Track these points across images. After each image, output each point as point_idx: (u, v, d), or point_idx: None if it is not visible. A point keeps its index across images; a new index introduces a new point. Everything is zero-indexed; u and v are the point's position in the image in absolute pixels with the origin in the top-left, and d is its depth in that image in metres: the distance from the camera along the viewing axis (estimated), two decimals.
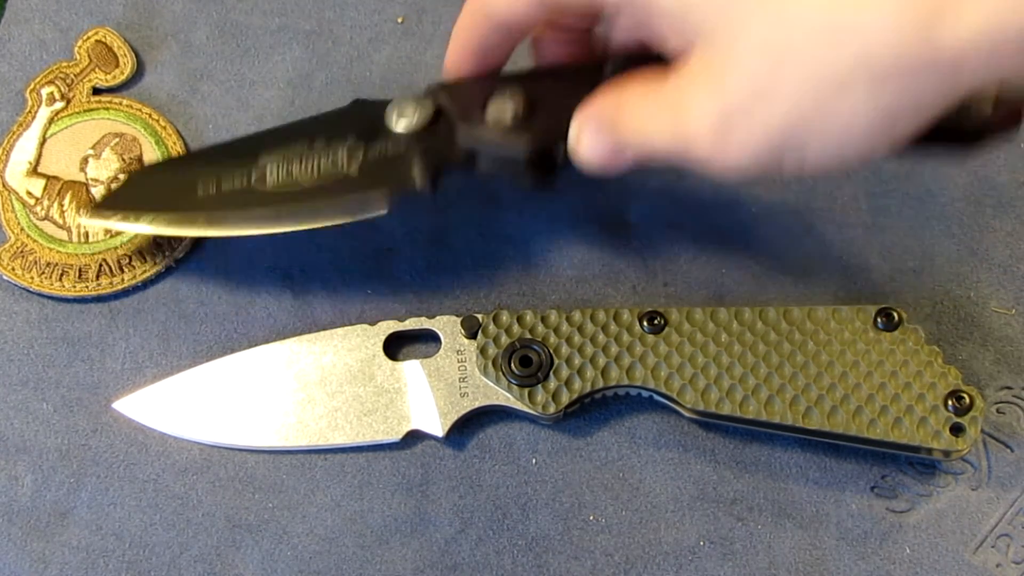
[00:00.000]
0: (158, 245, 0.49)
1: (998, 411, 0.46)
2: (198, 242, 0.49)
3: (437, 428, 0.45)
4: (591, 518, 0.45)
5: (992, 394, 0.46)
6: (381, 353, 0.46)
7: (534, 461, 0.46)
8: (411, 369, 0.46)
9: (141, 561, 0.44)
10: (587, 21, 0.41)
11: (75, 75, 0.51)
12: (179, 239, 0.49)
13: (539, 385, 0.44)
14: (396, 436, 0.45)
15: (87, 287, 0.48)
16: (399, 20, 0.53)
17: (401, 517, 0.45)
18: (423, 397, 0.45)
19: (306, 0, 0.54)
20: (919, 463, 0.45)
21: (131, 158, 0.50)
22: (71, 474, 0.46)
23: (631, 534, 0.45)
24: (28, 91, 0.51)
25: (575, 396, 0.44)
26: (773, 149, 0.33)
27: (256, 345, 0.47)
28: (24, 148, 0.50)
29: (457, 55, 0.43)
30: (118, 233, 0.49)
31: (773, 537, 0.44)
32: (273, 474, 0.46)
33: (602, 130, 0.39)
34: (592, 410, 0.46)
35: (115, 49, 0.52)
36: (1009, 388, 0.46)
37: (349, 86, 0.52)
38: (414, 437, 0.46)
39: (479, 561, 0.44)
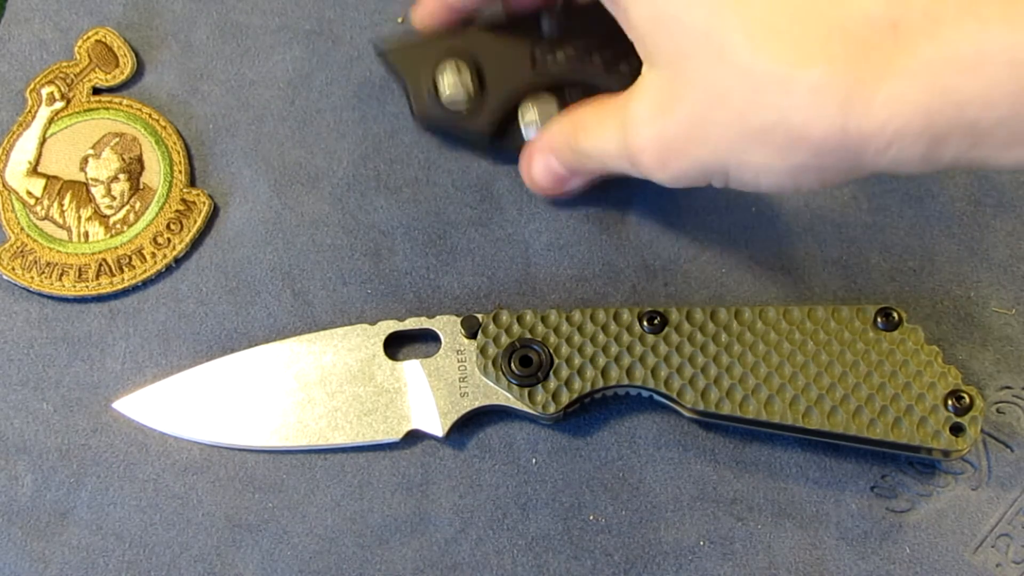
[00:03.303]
0: (158, 244, 0.49)
1: (998, 411, 0.46)
2: (198, 242, 0.49)
3: (437, 428, 0.45)
4: (591, 518, 0.45)
5: (992, 394, 0.46)
6: (381, 353, 0.46)
7: (534, 461, 0.46)
8: (411, 369, 0.46)
9: (141, 561, 0.44)
10: None
11: (75, 75, 0.51)
12: (179, 238, 0.49)
13: (539, 385, 0.44)
14: (396, 436, 0.45)
15: (87, 287, 0.48)
16: (399, 20, 0.53)
17: (401, 517, 0.45)
18: (423, 397, 0.45)
19: (306, 0, 0.54)
20: (919, 463, 0.45)
21: (131, 158, 0.50)
22: (71, 474, 0.46)
23: (631, 534, 0.45)
24: (28, 91, 0.51)
25: (575, 396, 0.44)
26: (701, 175, 0.39)
27: (256, 345, 0.47)
28: (24, 148, 0.50)
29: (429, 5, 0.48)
30: (118, 233, 0.49)
31: (773, 537, 0.44)
32: (273, 474, 0.46)
33: (557, 155, 0.46)
34: (592, 410, 0.46)
35: (115, 49, 0.52)
36: (1009, 388, 0.46)
37: (349, 86, 0.52)
38: (414, 437, 0.46)
39: (479, 561, 0.44)
